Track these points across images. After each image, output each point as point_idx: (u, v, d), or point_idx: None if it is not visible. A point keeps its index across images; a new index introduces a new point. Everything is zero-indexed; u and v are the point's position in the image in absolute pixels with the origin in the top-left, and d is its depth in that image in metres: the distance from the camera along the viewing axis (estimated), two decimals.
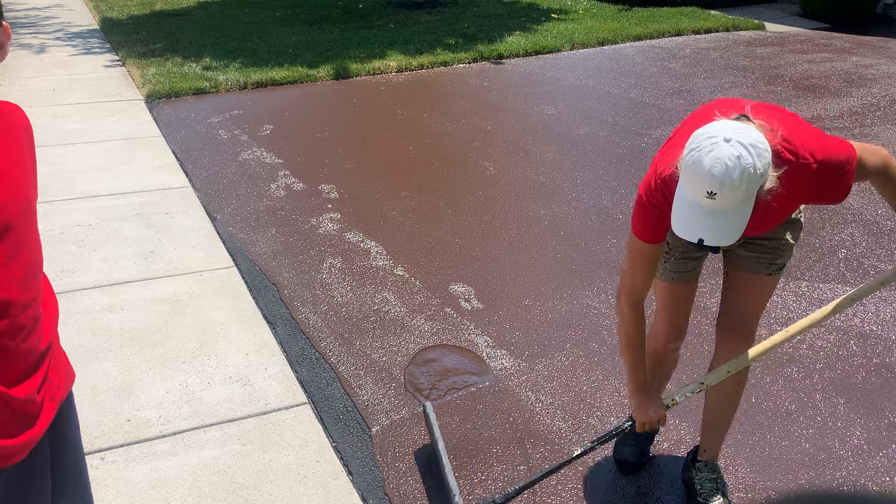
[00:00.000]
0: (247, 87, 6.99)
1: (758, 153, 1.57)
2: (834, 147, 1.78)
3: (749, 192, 1.59)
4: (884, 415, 2.68)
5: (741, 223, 1.63)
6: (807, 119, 5.90)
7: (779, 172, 1.65)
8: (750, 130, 1.60)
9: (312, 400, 2.81)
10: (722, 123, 1.63)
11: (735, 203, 1.60)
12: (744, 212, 1.62)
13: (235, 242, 4.04)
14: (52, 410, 1.34)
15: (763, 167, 1.58)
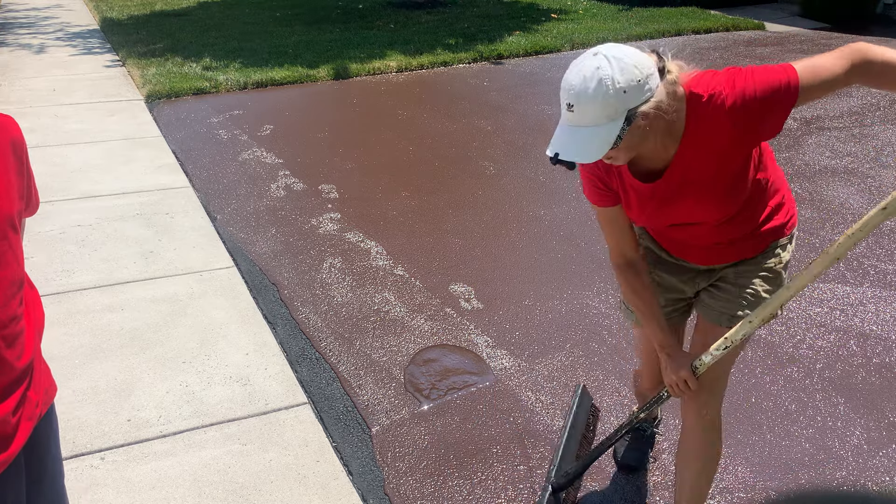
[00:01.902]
0: (247, 87, 6.99)
1: (620, 67, 1.48)
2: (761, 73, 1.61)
3: (609, 108, 1.49)
4: (884, 415, 2.68)
5: (602, 143, 1.52)
6: (806, 119, 5.90)
7: (663, 99, 1.54)
8: (623, 47, 1.53)
9: (312, 400, 2.81)
10: (605, 45, 1.58)
11: (593, 117, 1.50)
12: (607, 131, 1.51)
13: (235, 242, 4.04)
14: (27, 430, 1.32)
15: (626, 82, 1.47)
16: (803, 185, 4.69)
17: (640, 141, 1.59)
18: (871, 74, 1.60)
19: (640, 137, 1.57)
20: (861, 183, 4.69)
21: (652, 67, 1.53)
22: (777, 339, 3.13)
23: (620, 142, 1.54)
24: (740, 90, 1.59)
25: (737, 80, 1.62)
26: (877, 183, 4.69)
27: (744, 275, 1.88)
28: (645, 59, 1.52)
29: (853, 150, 5.25)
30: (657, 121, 1.56)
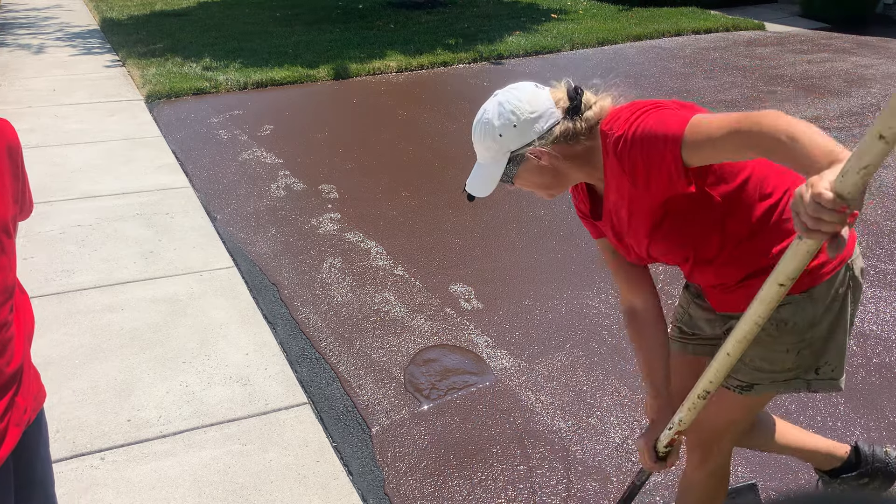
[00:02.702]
0: (247, 87, 6.99)
1: (500, 112, 1.56)
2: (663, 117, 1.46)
3: (490, 150, 1.59)
4: (884, 415, 2.68)
5: (490, 180, 1.62)
6: (806, 119, 5.90)
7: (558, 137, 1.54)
8: (516, 91, 1.58)
9: (312, 400, 2.81)
10: (516, 83, 1.62)
11: (483, 154, 1.63)
12: (493, 170, 1.61)
13: (235, 242, 4.04)
14: (15, 436, 1.31)
15: (501, 126, 1.55)
16: None
17: (548, 177, 1.61)
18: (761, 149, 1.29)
19: (544, 174, 1.60)
20: None
21: (543, 108, 1.55)
22: None
23: (515, 178, 1.62)
24: (627, 132, 1.48)
25: (632, 119, 1.49)
26: (877, 183, 4.69)
27: None
28: (538, 101, 1.55)
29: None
30: (562, 158, 1.57)
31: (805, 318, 1.57)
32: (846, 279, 1.58)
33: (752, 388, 1.65)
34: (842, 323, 1.61)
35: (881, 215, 4.25)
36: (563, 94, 1.59)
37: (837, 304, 1.58)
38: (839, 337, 1.61)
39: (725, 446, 1.80)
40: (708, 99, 6.50)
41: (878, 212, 4.30)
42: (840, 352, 1.63)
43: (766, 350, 1.61)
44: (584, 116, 1.57)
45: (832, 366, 1.63)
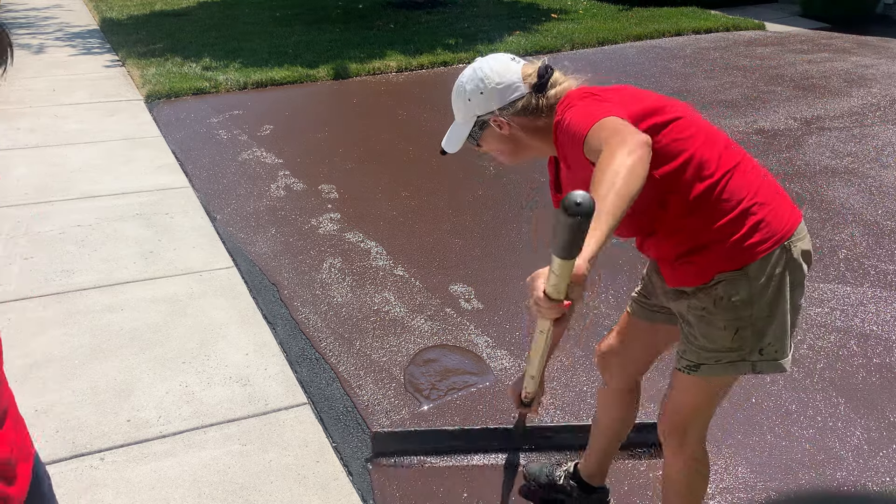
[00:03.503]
0: (247, 87, 6.99)
1: (472, 77, 1.71)
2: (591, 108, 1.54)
3: (460, 111, 1.76)
4: (884, 415, 2.68)
5: (458, 138, 1.79)
6: (807, 119, 5.90)
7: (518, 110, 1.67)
8: (491, 60, 1.71)
9: (312, 400, 2.81)
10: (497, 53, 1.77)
11: (456, 113, 1.79)
12: (462, 130, 1.77)
13: (235, 242, 4.04)
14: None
15: (471, 92, 1.70)
16: (803, 185, 4.69)
17: (509, 145, 1.74)
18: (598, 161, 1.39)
19: (505, 142, 1.74)
20: (861, 183, 4.69)
21: (510, 80, 1.67)
22: None
23: (480, 141, 1.77)
24: (561, 119, 1.60)
25: (568, 105, 1.61)
26: (877, 183, 4.69)
27: (691, 309, 1.69)
28: (508, 73, 1.68)
29: (853, 150, 5.25)
30: (522, 129, 1.69)
31: (741, 295, 1.61)
32: (783, 259, 1.62)
33: (699, 367, 1.70)
34: (781, 303, 1.64)
35: (881, 215, 4.25)
36: (534, 70, 1.69)
37: (775, 284, 1.62)
38: (780, 317, 1.65)
39: (696, 433, 1.84)
40: (708, 99, 6.50)
41: (878, 212, 4.30)
42: (782, 332, 1.66)
43: (706, 327, 1.66)
44: (547, 94, 1.67)
45: (775, 346, 1.67)
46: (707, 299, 1.64)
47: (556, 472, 2.32)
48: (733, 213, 1.59)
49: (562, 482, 2.29)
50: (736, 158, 1.65)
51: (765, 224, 1.60)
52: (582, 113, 1.54)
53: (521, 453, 2.54)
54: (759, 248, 1.60)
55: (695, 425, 1.82)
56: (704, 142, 1.62)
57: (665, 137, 1.59)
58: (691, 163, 1.60)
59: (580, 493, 2.26)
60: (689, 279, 1.67)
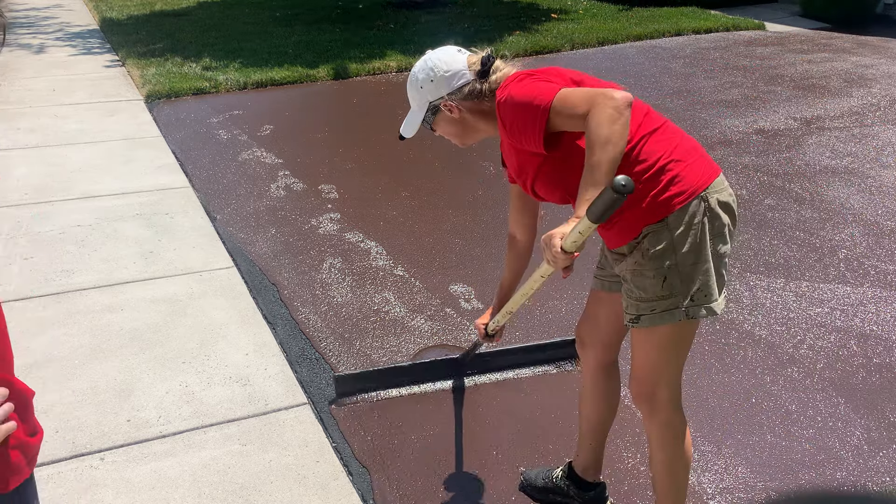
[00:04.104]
0: (247, 87, 6.99)
1: (423, 66, 1.91)
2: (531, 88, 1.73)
3: (414, 99, 1.97)
4: (884, 415, 2.68)
5: (414, 123, 2.01)
6: (807, 119, 5.90)
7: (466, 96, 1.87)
8: (439, 52, 1.91)
9: (312, 400, 2.81)
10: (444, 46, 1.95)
11: (412, 101, 2.00)
12: (419, 115, 1.99)
13: (235, 242, 4.04)
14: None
15: (423, 79, 1.91)
16: (803, 184, 4.69)
17: (459, 127, 1.95)
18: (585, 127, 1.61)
19: (456, 124, 1.94)
20: (861, 183, 4.69)
21: (457, 69, 1.87)
22: (777, 340, 3.13)
23: (434, 125, 1.98)
24: (506, 94, 1.77)
25: (513, 83, 1.78)
26: (877, 183, 4.69)
27: (627, 267, 1.82)
28: (454, 62, 1.88)
29: (853, 150, 5.25)
30: (470, 112, 1.89)
31: (662, 243, 1.75)
32: (701, 209, 1.75)
33: (639, 319, 1.82)
34: (703, 250, 1.76)
35: (881, 215, 4.25)
36: (477, 59, 1.89)
37: (696, 232, 1.75)
38: (703, 263, 1.77)
39: (665, 395, 1.90)
40: (708, 99, 6.50)
41: (879, 211, 4.30)
42: (707, 276, 1.78)
43: (639, 278, 1.79)
44: (489, 80, 1.87)
45: (704, 291, 1.78)
46: (637, 254, 1.78)
47: (553, 473, 2.33)
48: (650, 171, 1.74)
49: (559, 482, 2.29)
50: (654, 124, 1.79)
51: (679, 178, 1.74)
52: (528, 88, 1.73)
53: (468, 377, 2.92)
54: (676, 199, 1.74)
55: (660, 385, 1.89)
56: (639, 126, 1.77)
57: None
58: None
59: (577, 492, 2.26)
60: (622, 237, 1.80)
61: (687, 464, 2.02)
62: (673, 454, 1.98)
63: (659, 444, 1.98)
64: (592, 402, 2.21)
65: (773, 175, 4.84)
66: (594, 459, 2.26)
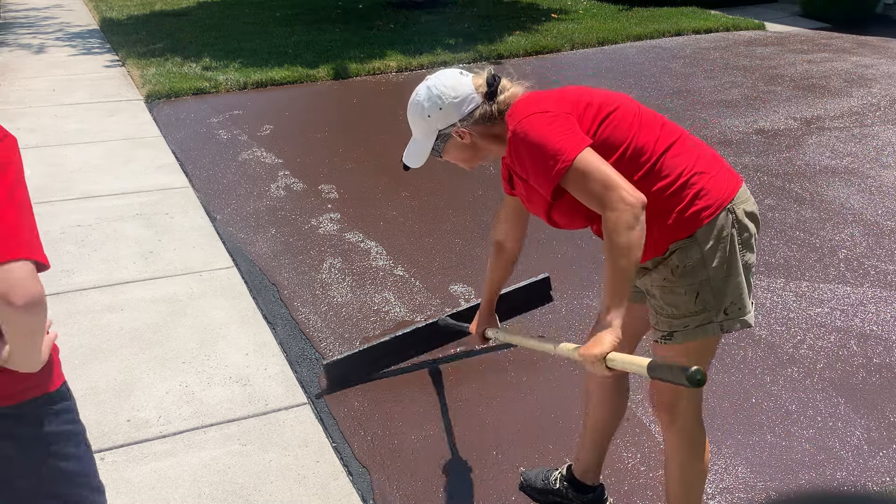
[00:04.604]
0: (247, 87, 6.99)
1: (429, 95, 1.83)
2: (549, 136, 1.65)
3: (420, 128, 1.89)
4: (884, 415, 2.68)
5: (422, 153, 1.93)
6: (807, 119, 5.90)
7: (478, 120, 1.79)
8: (443, 77, 1.83)
9: (312, 400, 2.81)
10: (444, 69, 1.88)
11: (416, 131, 1.93)
12: (424, 144, 1.91)
13: (235, 242, 4.04)
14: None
15: (430, 108, 1.83)
16: (803, 184, 4.69)
17: (469, 152, 1.87)
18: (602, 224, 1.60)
19: (466, 150, 1.86)
20: (861, 183, 4.69)
21: (465, 93, 1.79)
22: (777, 340, 3.13)
23: (443, 153, 1.89)
24: (522, 128, 1.70)
25: (527, 117, 1.70)
26: (877, 183, 4.69)
27: (654, 283, 1.80)
28: (461, 86, 1.80)
29: (853, 150, 5.25)
30: (481, 137, 1.81)
31: (692, 259, 1.72)
32: (729, 222, 1.73)
33: (672, 335, 1.79)
34: (734, 263, 1.74)
35: (881, 215, 4.25)
36: (482, 80, 1.82)
37: (724, 245, 1.73)
38: (735, 276, 1.75)
39: (686, 406, 1.89)
40: (708, 99, 6.50)
41: (879, 212, 4.30)
42: (739, 289, 1.76)
43: (670, 295, 1.77)
44: (498, 100, 1.80)
45: (737, 304, 1.77)
46: (665, 270, 1.75)
47: (551, 475, 2.32)
48: (674, 186, 1.71)
49: (556, 485, 2.29)
50: (672, 137, 1.76)
51: (705, 192, 1.72)
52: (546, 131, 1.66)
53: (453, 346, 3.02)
54: (703, 213, 1.71)
55: (683, 395, 1.87)
56: (641, 127, 1.74)
57: (605, 130, 1.72)
58: (630, 149, 1.71)
59: (575, 494, 2.26)
60: (650, 251, 1.74)
61: (703, 476, 2.00)
62: (690, 466, 1.96)
63: (676, 455, 1.96)
64: (599, 408, 2.18)
65: (773, 175, 4.84)
66: (595, 463, 2.25)
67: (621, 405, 2.18)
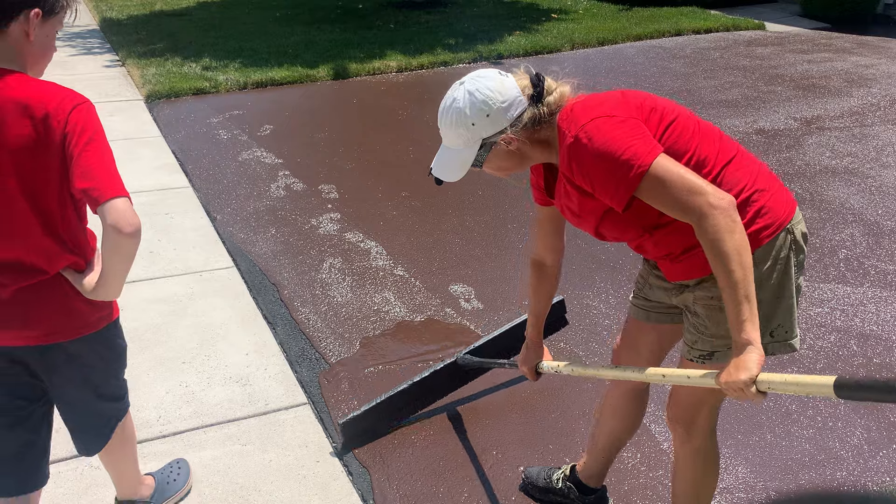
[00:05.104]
0: (247, 87, 6.99)
1: (472, 101, 1.63)
2: (619, 140, 1.54)
3: (461, 137, 1.67)
4: (884, 415, 2.68)
5: (460, 165, 1.71)
6: (807, 119, 5.90)
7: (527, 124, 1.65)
8: (485, 80, 1.65)
9: (312, 400, 2.81)
10: (480, 70, 1.69)
11: (453, 141, 1.70)
12: (464, 155, 1.69)
13: (235, 242, 4.04)
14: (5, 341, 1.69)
15: (475, 115, 1.63)
16: (803, 185, 4.69)
17: (514, 160, 1.72)
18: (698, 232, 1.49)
19: (511, 157, 1.71)
20: (861, 183, 4.69)
21: (512, 96, 1.64)
22: None
23: (484, 163, 1.71)
24: (584, 134, 1.57)
25: (592, 122, 1.58)
26: (877, 183, 4.69)
27: (698, 300, 1.72)
28: (506, 89, 1.64)
29: (853, 150, 5.25)
30: (527, 143, 1.68)
31: None
32: (787, 243, 1.66)
33: (713, 356, 1.73)
34: (787, 285, 1.67)
35: (881, 215, 4.26)
36: (527, 81, 1.69)
37: (781, 267, 1.65)
38: (787, 299, 1.68)
39: (704, 423, 1.86)
40: (708, 99, 6.50)
41: (878, 211, 4.30)
42: (789, 313, 1.70)
43: (718, 314, 1.67)
44: (545, 102, 1.67)
45: (785, 328, 1.70)
46: (716, 289, 1.63)
47: (554, 474, 2.32)
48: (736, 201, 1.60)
49: (559, 485, 2.29)
50: (732, 150, 1.69)
51: (766, 210, 1.63)
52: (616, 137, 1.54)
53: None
54: (764, 233, 1.63)
55: (703, 413, 1.83)
56: (702, 139, 1.66)
57: (668, 140, 1.63)
58: (692, 161, 1.63)
59: (578, 495, 2.26)
60: (696, 271, 1.68)
61: (713, 490, 1.98)
62: (703, 482, 1.94)
63: (689, 471, 1.93)
64: (614, 420, 2.14)
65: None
66: (600, 469, 2.24)
67: (637, 421, 2.14)
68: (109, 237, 1.51)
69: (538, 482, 2.34)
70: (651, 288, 1.91)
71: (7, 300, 1.63)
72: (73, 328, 1.71)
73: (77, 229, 1.67)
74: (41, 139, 1.52)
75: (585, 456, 2.26)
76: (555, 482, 2.30)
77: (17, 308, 1.64)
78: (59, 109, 1.52)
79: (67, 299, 1.68)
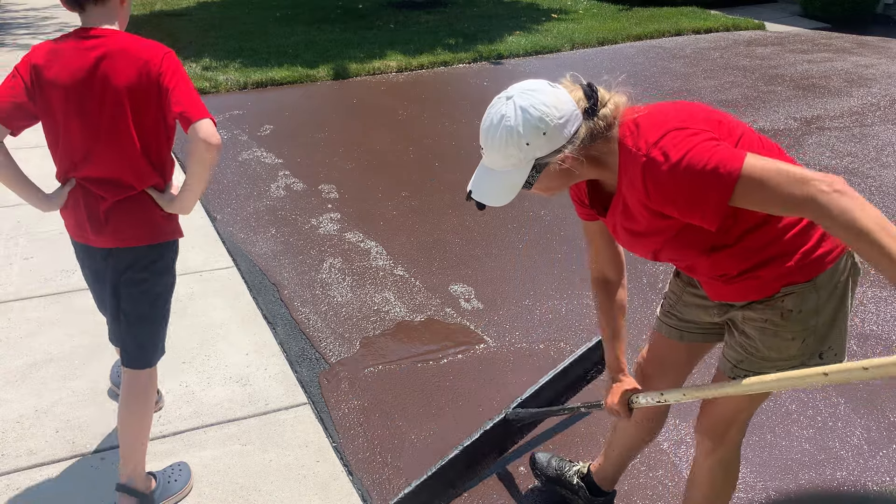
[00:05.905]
0: (247, 87, 6.99)
1: (525, 118, 1.45)
2: (700, 151, 1.40)
3: (512, 157, 1.48)
4: (884, 415, 2.68)
5: (509, 189, 1.52)
6: (807, 119, 5.90)
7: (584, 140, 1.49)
8: (538, 94, 1.47)
9: (312, 400, 2.81)
10: (527, 81, 1.52)
11: (500, 162, 1.51)
12: (514, 178, 1.51)
13: (235, 242, 4.04)
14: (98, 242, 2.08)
15: (529, 134, 1.45)
16: None
17: (564, 178, 1.56)
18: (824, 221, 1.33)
19: (561, 176, 1.55)
20: (861, 183, 4.69)
21: (569, 111, 1.48)
22: None
23: (535, 184, 1.53)
24: (660, 153, 1.43)
25: (667, 142, 1.43)
26: (877, 183, 4.69)
27: (748, 321, 1.66)
28: (562, 103, 1.47)
29: (853, 150, 5.26)
30: (582, 160, 1.52)
31: (809, 306, 1.58)
32: (848, 265, 1.60)
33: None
34: (843, 309, 1.62)
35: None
36: (580, 92, 1.53)
37: (840, 291, 1.60)
38: (841, 322, 1.63)
39: (734, 436, 1.82)
40: (708, 99, 6.50)
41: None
42: (842, 336, 1.64)
43: (772, 338, 1.62)
44: (600, 114, 1.52)
45: (835, 350, 1.64)
46: (771, 311, 1.58)
47: (567, 468, 2.30)
48: (802, 223, 1.54)
49: (573, 480, 2.27)
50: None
51: (813, 238, 1.56)
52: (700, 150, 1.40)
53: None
54: (828, 257, 1.56)
55: (734, 425, 1.80)
56: (769, 154, 1.54)
57: None
58: None
59: (587, 495, 2.25)
60: (751, 293, 1.61)
61: (728, 501, 1.97)
62: (722, 493, 1.93)
63: (709, 482, 1.90)
64: (637, 428, 2.10)
65: None
66: (614, 474, 2.24)
67: (657, 430, 2.11)
68: (198, 149, 1.87)
69: (548, 471, 2.33)
70: (686, 305, 1.85)
71: (105, 210, 2.01)
72: (152, 235, 2.09)
73: (165, 155, 2.05)
74: (143, 79, 1.90)
75: (601, 459, 2.24)
76: (569, 477, 2.28)
77: (112, 217, 2.02)
78: (155, 56, 1.92)
79: (150, 212, 2.06)
